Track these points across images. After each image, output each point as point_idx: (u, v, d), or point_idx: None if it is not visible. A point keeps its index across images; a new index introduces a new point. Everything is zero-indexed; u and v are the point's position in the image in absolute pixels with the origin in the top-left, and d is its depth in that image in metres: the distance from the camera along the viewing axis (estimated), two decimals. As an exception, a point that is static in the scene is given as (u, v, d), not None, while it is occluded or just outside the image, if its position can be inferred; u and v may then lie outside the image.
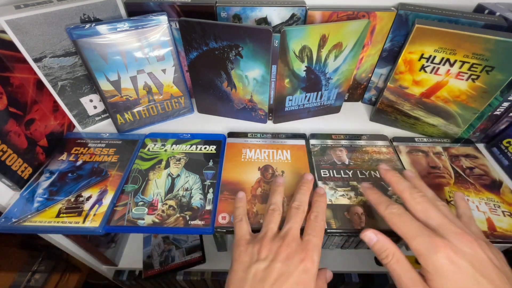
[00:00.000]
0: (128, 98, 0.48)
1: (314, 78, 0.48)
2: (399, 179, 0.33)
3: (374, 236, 0.31)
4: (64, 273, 0.86)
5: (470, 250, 0.26)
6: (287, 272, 0.28)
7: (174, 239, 0.74)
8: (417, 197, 0.30)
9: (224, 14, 0.45)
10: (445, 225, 0.28)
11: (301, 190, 0.36)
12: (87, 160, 0.45)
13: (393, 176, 0.34)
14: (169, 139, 0.48)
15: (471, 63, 0.40)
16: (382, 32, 0.48)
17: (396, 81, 0.47)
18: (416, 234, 0.28)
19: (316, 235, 0.31)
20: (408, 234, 0.28)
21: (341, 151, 0.46)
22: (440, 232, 0.28)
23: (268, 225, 0.33)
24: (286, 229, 0.32)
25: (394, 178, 0.33)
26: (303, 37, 0.42)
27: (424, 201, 0.30)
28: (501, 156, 0.47)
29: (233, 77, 0.47)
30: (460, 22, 0.42)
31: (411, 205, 0.31)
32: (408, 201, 0.31)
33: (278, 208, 0.35)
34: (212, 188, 0.41)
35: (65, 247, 0.52)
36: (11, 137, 0.39)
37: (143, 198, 0.39)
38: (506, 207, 0.39)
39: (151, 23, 0.43)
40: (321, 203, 0.35)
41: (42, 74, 0.42)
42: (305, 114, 0.54)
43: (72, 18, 0.41)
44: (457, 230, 0.27)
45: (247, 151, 0.46)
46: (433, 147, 0.47)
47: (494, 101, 0.43)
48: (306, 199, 0.35)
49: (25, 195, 0.39)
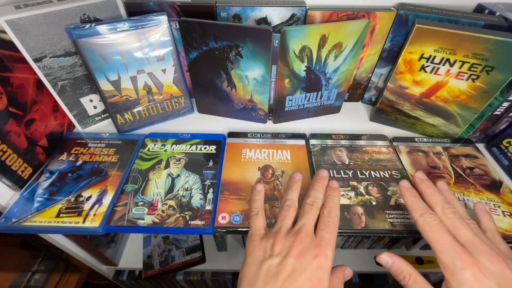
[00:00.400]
0: (128, 98, 0.48)
1: (314, 78, 0.48)
2: (432, 192, 0.34)
3: (389, 259, 0.31)
4: (64, 273, 0.86)
5: (498, 269, 0.26)
6: (300, 268, 0.28)
7: (174, 239, 0.74)
8: (448, 212, 0.31)
9: (224, 14, 0.45)
10: (474, 243, 0.28)
11: (315, 186, 0.36)
12: (87, 160, 0.45)
13: (428, 187, 0.34)
14: (169, 139, 0.48)
15: (471, 63, 0.40)
16: (382, 32, 0.48)
17: (396, 81, 0.47)
18: (445, 248, 0.28)
19: (329, 231, 0.31)
20: (438, 246, 0.29)
21: (341, 151, 0.46)
22: (469, 249, 0.28)
23: (282, 220, 0.32)
24: (300, 224, 0.31)
25: (428, 190, 0.34)
26: (303, 37, 0.42)
27: (455, 217, 0.31)
28: (501, 156, 0.47)
29: (233, 77, 0.47)
30: (460, 22, 0.42)
31: (442, 220, 0.31)
32: (439, 215, 0.31)
33: (294, 205, 0.34)
34: (212, 188, 0.41)
35: (65, 247, 0.52)
36: (11, 137, 0.39)
37: (143, 198, 0.39)
38: (506, 207, 0.39)
39: (151, 23, 0.43)
40: (334, 197, 0.35)
41: (42, 74, 0.42)
42: (305, 114, 0.54)
43: (72, 18, 0.41)
44: (486, 249, 0.28)
45: (247, 151, 0.46)
46: (433, 147, 0.47)
47: (494, 101, 0.43)
48: (321, 195, 0.35)
49: (25, 195, 0.39)
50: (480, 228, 0.32)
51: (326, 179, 0.37)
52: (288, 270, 0.28)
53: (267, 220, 0.36)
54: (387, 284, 0.77)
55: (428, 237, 0.30)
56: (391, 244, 0.72)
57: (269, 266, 0.28)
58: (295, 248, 0.29)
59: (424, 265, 0.70)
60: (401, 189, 0.35)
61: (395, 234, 0.36)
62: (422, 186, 0.35)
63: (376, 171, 0.43)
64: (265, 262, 0.29)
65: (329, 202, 0.34)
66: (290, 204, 0.34)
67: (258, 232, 0.33)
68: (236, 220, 0.37)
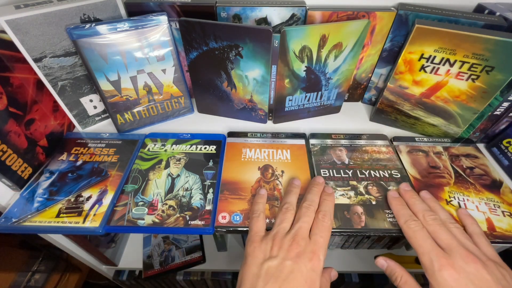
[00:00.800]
0: (128, 98, 0.48)
1: (314, 78, 0.48)
2: (415, 201, 0.37)
3: (384, 262, 0.35)
4: (64, 273, 0.86)
5: (472, 269, 0.29)
6: (296, 269, 0.30)
7: (174, 239, 0.74)
8: (429, 219, 0.34)
9: (224, 14, 0.45)
10: (452, 246, 0.31)
11: (312, 190, 0.38)
12: (87, 160, 0.45)
13: (411, 197, 0.37)
14: (169, 139, 0.48)
15: (471, 63, 0.40)
16: (382, 32, 0.48)
17: (396, 81, 0.47)
18: (425, 251, 0.31)
19: (323, 236, 0.33)
20: (419, 249, 0.32)
21: (341, 151, 0.46)
22: (447, 251, 0.31)
23: (280, 223, 0.34)
24: (296, 228, 0.33)
25: (411, 200, 0.37)
26: (303, 37, 0.42)
27: (435, 224, 0.33)
28: (501, 156, 0.47)
29: (233, 77, 0.47)
30: (460, 22, 0.42)
31: (424, 226, 0.34)
32: (422, 222, 0.34)
33: (292, 208, 0.36)
34: (212, 188, 0.41)
35: (65, 247, 0.52)
36: (11, 137, 0.39)
37: (143, 198, 0.39)
38: (506, 207, 0.39)
39: (151, 23, 0.43)
40: (329, 202, 0.37)
41: (42, 74, 0.42)
42: (305, 114, 0.54)
43: (72, 18, 0.41)
44: (462, 251, 0.30)
45: (247, 151, 0.46)
46: (433, 147, 0.47)
47: (494, 101, 0.43)
48: (317, 199, 0.37)
49: (25, 195, 0.39)
50: (466, 233, 0.34)
51: (322, 185, 0.39)
52: (286, 271, 0.29)
53: (267, 219, 0.36)
54: (387, 284, 0.77)
55: (411, 242, 0.33)
56: (391, 244, 0.71)
57: (268, 267, 0.30)
58: (292, 251, 0.31)
59: (424, 265, 0.70)
60: (389, 198, 0.38)
61: (395, 233, 0.36)
62: (406, 196, 0.38)
63: (375, 171, 0.43)
64: (265, 263, 0.30)
65: (324, 206, 0.36)
66: (288, 207, 0.36)
67: (259, 234, 0.34)
68: (236, 219, 0.37)
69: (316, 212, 0.35)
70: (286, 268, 0.29)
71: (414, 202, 0.36)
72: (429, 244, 0.31)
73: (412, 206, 0.36)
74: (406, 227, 0.34)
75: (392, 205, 0.37)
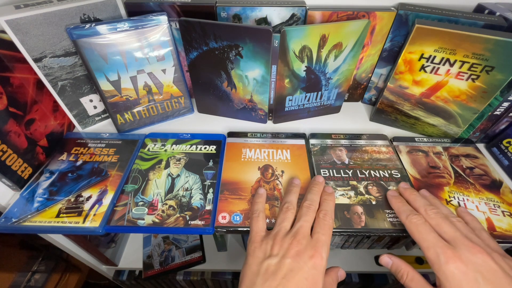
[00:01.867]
0: (128, 98, 0.48)
1: (314, 78, 0.48)
2: (415, 197, 0.36)
3: (389, 260, 0.34)
4: (64, 273, 0.86)
5: (480, 260, 0.28)
6: (297, 267, 0.29)
7: (174, 239, 0.74)
8: (431, 213, 0.33)
9: (224, 14, 0.45)
10: (457, 238, 0.30)
11: (312, 190, 0.38)
12: (87, 160, 0.45)
13: (411, 194, 0.37)
14: (169, 139, 0.48)
15: (471, 63, 0.40)
16: (382, 32, 0.48)
17: (396, 81, 0.47)
18: (430, 244, 0.30)
19: (324, 233, 0.32)
20: (424, 244, 0.31)
21: (341, 151, 0.46)
22: (452, 244, 0.30)
23: (281, 223, 0.34)
24: (297, 227, 0.33)
25: (411, 196, 0.37)
26: (303, 37, 0.42)
27: (438, 217, 0.33)
28: (501, 156, 0.47)
29: (233, 77, 0.47)
30: (460, 22, 0.42)
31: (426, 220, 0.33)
32: (424, 216, 0.33)
33: (293, 207, 0.36)
34: (212, 188, 0.41)
35: (65, 247, 0.52)
36: (11, 137, 0.39)
37: (143, 198, 0.39)
38: (506, 207, 0.39)
39: (151, 23, 0.43)
40: (330, 201, 0.37)
41: (42, 74, 0.42)
42: (305, 114, 0.54)
43: (72, 18, 0.41)
44: (467, 243, 0.30)
45: (247, 151, 0.46)
46: (433, 147, 0.47)
47: (494, 101, 0.43)
48: (317, 198, 0.37)
49: (25, 195, 0.39)
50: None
51: (322, 184, 0.39)
52: (286, 269, 0.29)
53: (267, 219, 0.36)
54: (387, 284, 0.77)
55: (415, 237, 0.32)
56: (391, 244, 0.71)
57: (268, 265, 0.30)
58: (292, 249, 0.31)
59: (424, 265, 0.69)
60: (388, 197, 0.38)
61: (394, 233, 0.36)
62: (406, 193, 0.38)
63: (375, 171, 0.43)
64: (264, 262, 0.30)
65: (325, 205, 0.36)
66: (289, 206, 0.36)
67: (259, 234, 0.34)
68: (236, 219, 0.37)
69: (317, 212, 0.35)
70: (285, 266, 0.29)
71: (415, 198, 0.36)
72: (433, 238, 0.31)
73: (413, 202, 0.36)
74: (408, 222, 0.33)
75: (392, 203, 0.37)
